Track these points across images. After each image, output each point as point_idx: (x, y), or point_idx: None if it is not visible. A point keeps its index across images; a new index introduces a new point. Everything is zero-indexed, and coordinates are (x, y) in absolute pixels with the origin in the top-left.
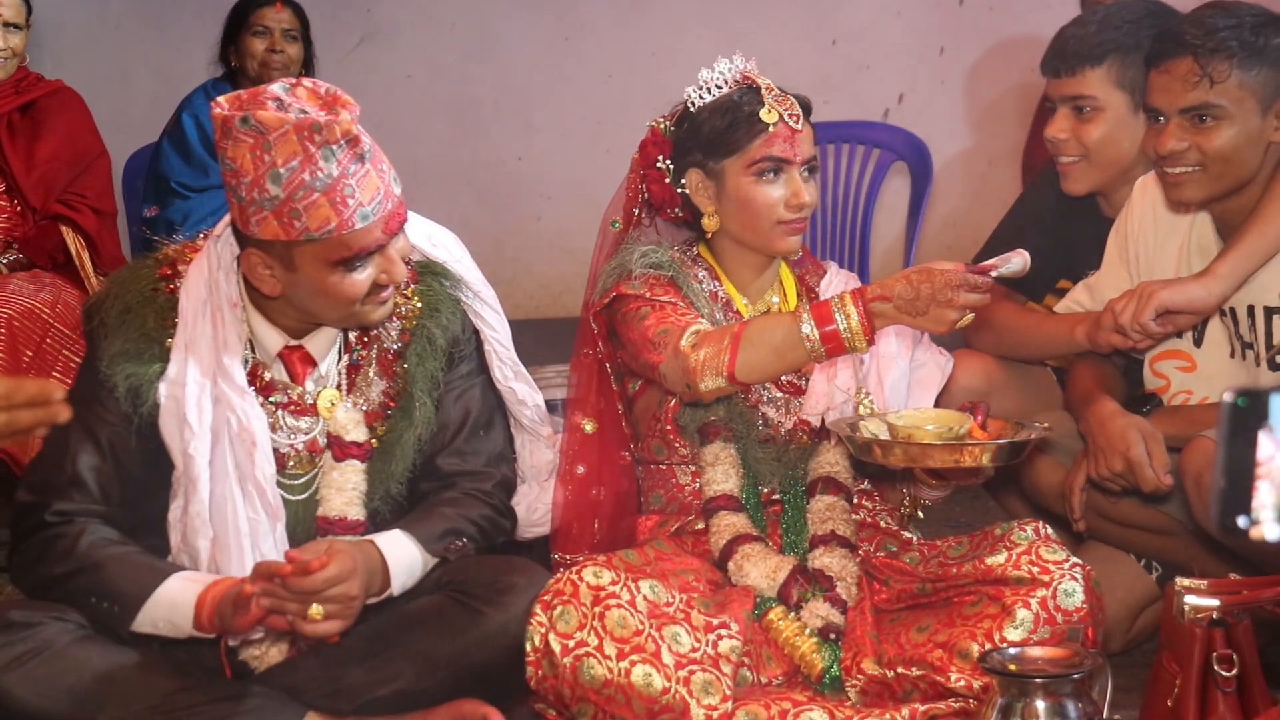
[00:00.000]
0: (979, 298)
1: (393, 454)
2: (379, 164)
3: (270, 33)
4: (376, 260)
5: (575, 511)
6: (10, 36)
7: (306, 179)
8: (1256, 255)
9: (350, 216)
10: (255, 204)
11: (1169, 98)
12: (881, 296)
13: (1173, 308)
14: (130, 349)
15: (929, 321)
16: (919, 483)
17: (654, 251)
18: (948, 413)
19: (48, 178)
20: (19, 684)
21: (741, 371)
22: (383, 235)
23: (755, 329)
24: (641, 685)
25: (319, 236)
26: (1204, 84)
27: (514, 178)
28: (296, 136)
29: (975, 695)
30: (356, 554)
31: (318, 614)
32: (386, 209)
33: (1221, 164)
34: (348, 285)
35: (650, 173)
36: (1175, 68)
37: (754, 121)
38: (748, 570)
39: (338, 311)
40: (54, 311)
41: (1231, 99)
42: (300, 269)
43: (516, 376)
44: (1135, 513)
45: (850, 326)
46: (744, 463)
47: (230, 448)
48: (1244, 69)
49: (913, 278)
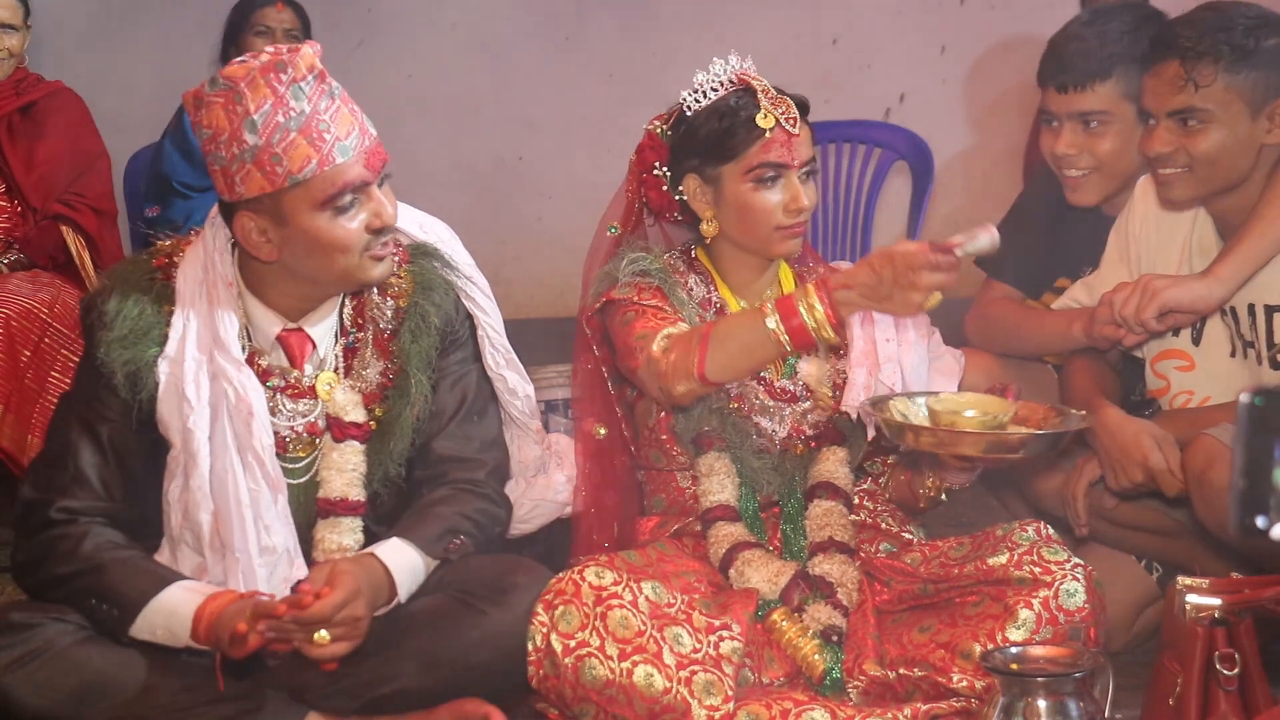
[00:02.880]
0: (943, 277)
1: (391, 433)
2: (349, 103)
3: (272, 33)
4: (365, 203)
5: (597, 520)
6: (8, 38)
7: (281, 120)
8: (1258, 256)
9: (330, 151)
10: (236, 159)
11: (1157, 100)
12: (844, 285)
13: (1176, 307)
14: (127, 336)
15: (895, 305)
16: (945, 467)
17: (642, 259)
18: (988, 398)
19: (48, 178)
20: (20, 685)
21: (711, 371)
22: (365, 171)
23: (722, 328)
24: (643, 685)
25: (302, 178)
26: (1189, 88)
27: (515, 178)
28: (264, 79)
29: (977, 695)
30: (360, 574)
31: (324, 639)
32: (365, 145)
33: (1208, 167)
34: (340, 231)
35: (648, 178)
36: (1164, 70)
37: (750, 127)
38: (749, 575)
39: (336, 267)
40: (52, 311)
41: (1217, 103)
42: (292, 221)
43: (508, 364)
44: (1136, 515)
45: (815, 318)
46: (740, 472)
47: (229, 420)
48: (1231, 72)
49: (875, 262)
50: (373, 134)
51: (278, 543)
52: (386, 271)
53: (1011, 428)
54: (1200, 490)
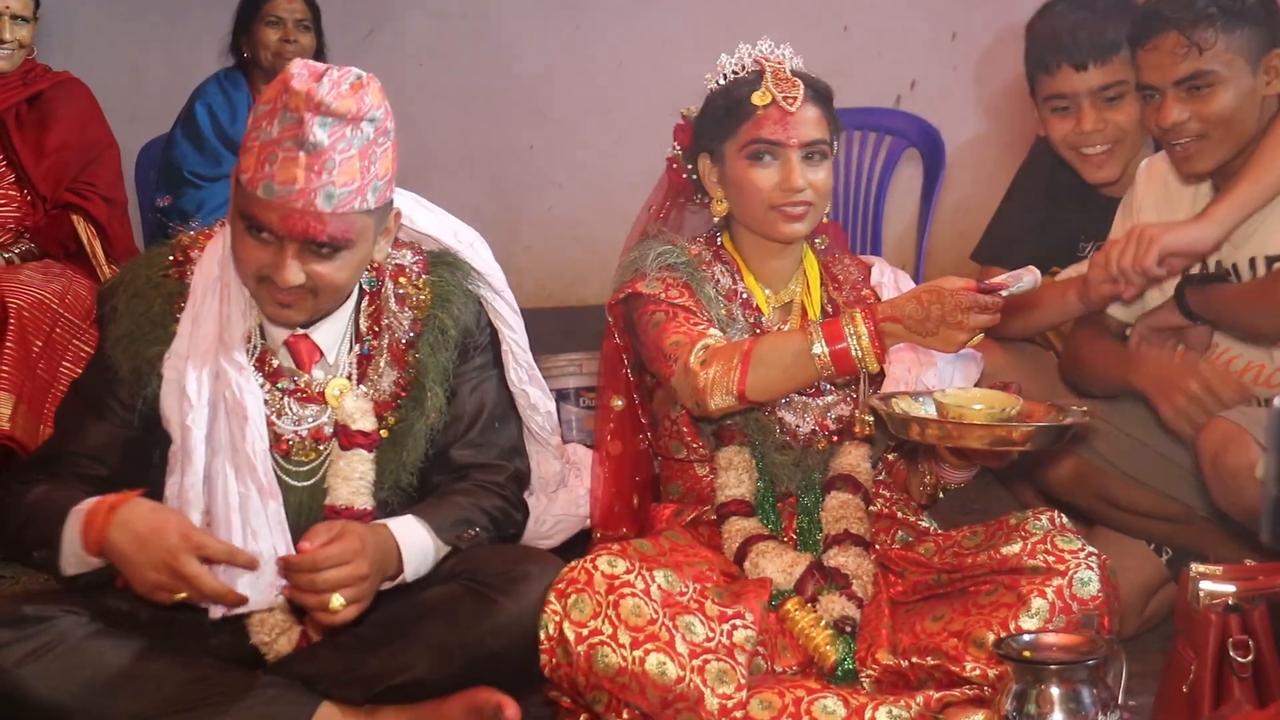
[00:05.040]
0: (989, 318)
1: (404, 444)
2: (319, 171)
3: (283, 23)
4: (273, 245)
5: (615, 487)
6: (17, 29)
7: (263, 125)
8: (1254, 199)
9: (258, 178)
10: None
11: (1161, 73)
12: (892, 317)
13: (1175, 251)
14: (135, 331)
15: (939, 342)
16: (942, 462)
17: (670, 252)
18: (994, 393)
19: (57, 167)
20: (34, 678)
21: (752, 391)
22: (278, 223)
23: (766, 347)
24: (656, 674)
25: (241, 180)
26: (1193, 53)
27: (525, 167)
28: (277, 87)
29: (990, 684)
30: (367, 535)
31: (338, 605)
32: (292, 204)
33: (1224, 127)
34: (242, 246)
35: (670, 160)
36: (1162, 43)
37: (746, 103)
38: (764, 566)
39: (244, 280)
40: (63, 302)
41: (1223, 62)
42: (233, 212)
43: (531, 380)
44: (1146, 501)
45: (861, 345)
46: (761, 467)
47: (225, 422)
48: (1228, 31)
49: (923, 298)
50: (317, 209)
51: (264, 549)
52: (283, 319)
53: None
54: (1215, 472)
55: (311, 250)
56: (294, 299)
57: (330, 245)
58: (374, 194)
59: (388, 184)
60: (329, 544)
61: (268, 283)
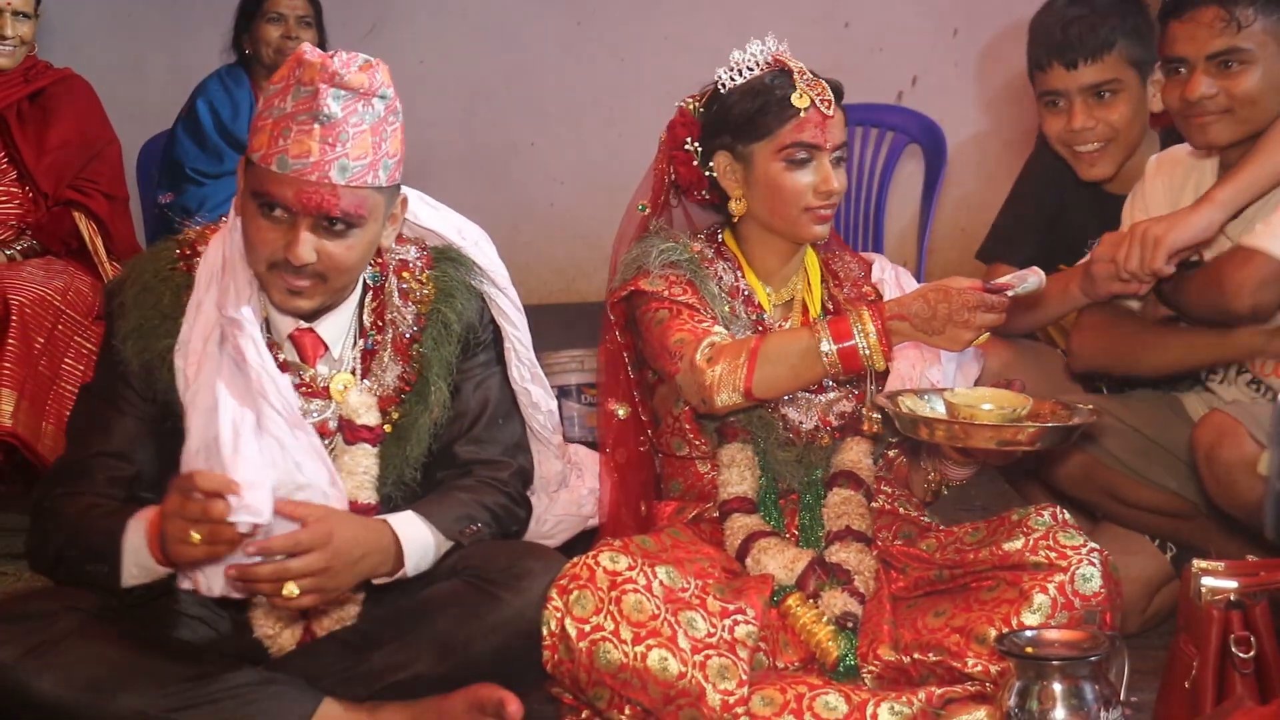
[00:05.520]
0: (995, 317)
1: (407, 438)
2: (333, 143)
3: (285, 19)
4: (286, 223)
5: (622, 494)
6: (19, 25)
7: (275, 103)
8: (1258, 183)
9: (272, 153)
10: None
11: (1194, 45)
12: (899, 315)
13: (1182, 246)
14: (145, 325)
15: (945, 340)
16: (945, 459)
17: (673, 249)
18: (1002, 393)
19: (59, 164)
20: (37, 673)
21: (759, 388)
22: (292, 198)
23: (773, 345)
24: (658, 669)
25: (254, 158)
26: (1231, 28)
27: (527, 163)
28: (290, 64)
29: (992, 679)
30: (341, 529)
31: (291, 593)
32: (307, 176)
33: (1249, 107)
34: (253, 227)
35: (678, 154)
36: (1200, 15)
37: (785, 106)
38: (766, 562)
39: (255, 265)
40: (65, 299)
41: (1257, 43)
42: (244, 196)
43: (533, 379)
44: (1153, 497)
45: (869, 344)
46: (763, 464)
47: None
48: (1266, 14)
49: (930, 296)
50: (331, 181)
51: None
52: (293, 308)
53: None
54: (1209, 466)
55: (324, 227)
56: (304, 284)
57: (343, 221)
58: (385, 171)
59: (397, 164)
60: (295, 534)
61: (279, 268)
